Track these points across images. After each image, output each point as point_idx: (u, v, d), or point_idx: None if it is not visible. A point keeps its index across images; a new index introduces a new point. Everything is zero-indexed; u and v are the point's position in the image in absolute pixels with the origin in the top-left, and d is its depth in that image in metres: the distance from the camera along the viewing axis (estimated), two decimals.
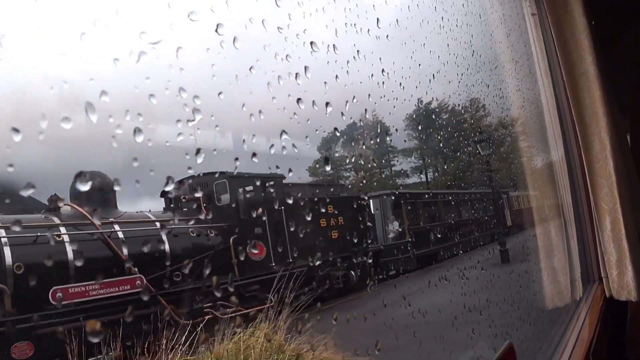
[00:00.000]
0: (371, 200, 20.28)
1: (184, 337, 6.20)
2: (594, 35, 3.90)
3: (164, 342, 6.16)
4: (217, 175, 11.70)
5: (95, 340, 2.06)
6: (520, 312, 4.33)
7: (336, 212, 14.91)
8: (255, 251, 12.11)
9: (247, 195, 12.63)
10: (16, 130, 1.31)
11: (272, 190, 12.56)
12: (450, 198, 27.54)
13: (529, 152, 5.65)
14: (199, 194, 11.87)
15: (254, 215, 12.26)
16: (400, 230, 20.70)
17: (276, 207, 11.70)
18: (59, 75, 1.51)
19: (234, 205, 12.23)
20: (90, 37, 1.50)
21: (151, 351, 6.16)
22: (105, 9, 1.60)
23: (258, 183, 12.47)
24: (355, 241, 15.64)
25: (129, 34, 1.64)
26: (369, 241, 17.89)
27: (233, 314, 8.25)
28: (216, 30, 1.84)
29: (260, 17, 1.98)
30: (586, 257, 4.28)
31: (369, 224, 18.59)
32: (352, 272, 14.51)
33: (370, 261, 15.98)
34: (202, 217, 12.00)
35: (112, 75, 1.57)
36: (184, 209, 11.49)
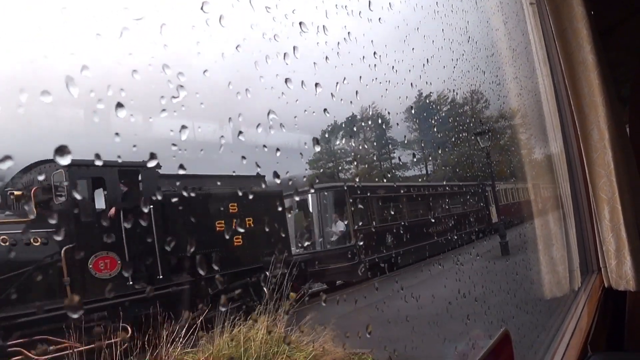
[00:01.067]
0: (310, 196, 17.40)
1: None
2: (593, 24, 3.87)
3: None
4: (55, 164, 8.42)
5: None
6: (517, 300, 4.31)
7: (243, 211, 11.80)
8: (102, 266, 9.07)
9: (95, 191, 9.86)
10: None
11: (137, 183, 10.19)
12: (420, 192, 23.57)
13: (528, 143, 5.63)
14: (22, 189, 8.73)
15: (104, 218, 9.66)
16: (345, 231, 17.17)
17: (142, 207, 8.18)
18: (39, 49, 1.50)
19: (73, 204, 9.03)
20: (71, 11, 1.49)
21: None
22: None
23: (113, 174, 9.81)
24: (273, 248, 11.80)
25: (111, 10, 1.63)
26: (306, 245, 16.70)
27: (58, 353, 6.69)
28: (202, 8, 1.82)
29: None
30: (585, 247, 4.27)
31: (304, 224, 17.45)
32: (263, 289, 9.57)
33: (294, 272, 10.47)
34: (30, 218, 8.82)
35: (94, 51, 1.56)
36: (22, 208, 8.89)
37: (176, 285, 9.37)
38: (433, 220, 21.77)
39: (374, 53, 2.92)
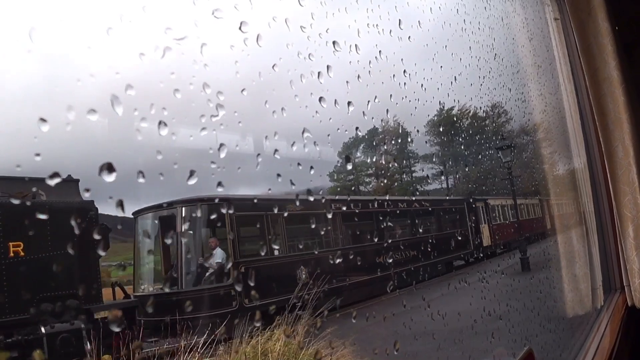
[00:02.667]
0: (174, 214, 12.35)
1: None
2: (618, 40, 3.87)
3: None
4: None
5: None
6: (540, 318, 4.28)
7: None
8: None
9: None
10: (43, 120, 1.34)
11: None
12: (366, 208, 17.40)
13: (551, 158, 5.61)
14: None
15: None
16: (222, 264, 12.29)
17: None
18: (85, 68, 1.54)
19: None
20: (116, 32, 1.53)
21: None
22: (131, 5, 1.63)
23: None
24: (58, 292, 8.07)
25: (154, 30, 1.67)
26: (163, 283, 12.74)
27: None
28: (240, 28, 1.86)
29: (283, 16, 2.00)
30: (608, 265, 4.25)
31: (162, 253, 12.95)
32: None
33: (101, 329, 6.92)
34: None
35: (138, 70, 1.59)
36: None
37: None
38: (385, 246, 16.44)
39: (404, 71, 2.95)
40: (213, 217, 11.82)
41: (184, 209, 12.13)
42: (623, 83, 3.81)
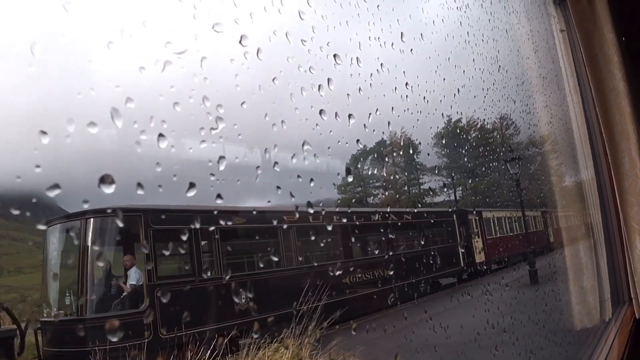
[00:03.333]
0: (87, 222, 9.93)
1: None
2: (624, 51, 3.86)
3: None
4: None
5: None
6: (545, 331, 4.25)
7: None
8: None
9: None
10: (44, 132, 1.36)
11: None
12: (328, 221, 9.16)
13: (558, 170, 5.59)
14: None
15: None
16: (137, 286, 10.20)
17: None
18: (86, 81, 1.56)
19: None
20: (117, 46, 1.55)
21: None
22: (132, 19, 1.65)
23: None
24: None
25: (154, 44, 1.69)
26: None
27: None
28: (240, 42, 1.88)
29: (284, 30, 2.03)
30: (616, 278, 4.21)
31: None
32: None
33: None
34: None
35: (138, 83, 1.62)
36: None
37: None
38: (351, 266, 14.91)
39: (406, 84, 2.97)
40: (130, 230, 10.43)
41: (92, 220, 9.80)
42: (629, 94, 3.80)
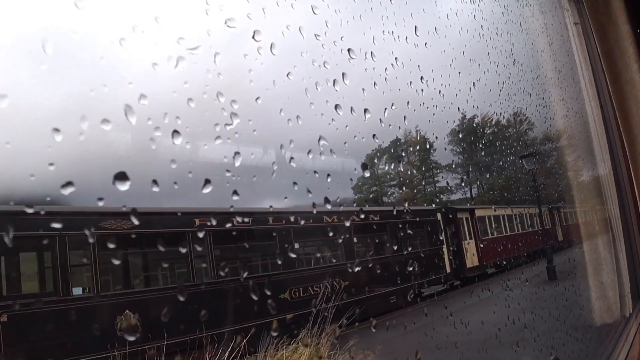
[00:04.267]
0: None
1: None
2: None
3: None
4: None
5: None
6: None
7: None
8: None
9: None
10: (57, 130, 1.34)
11: None
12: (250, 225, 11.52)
13: (575, 164, 5.52)
14: None
15: None
16: None
17: None
18: (98, 78, 1.54)
19: None
20: (129, 42, 1.53)
21: None
22: (144, 15, 1.63)
23: None
24: None
25: (167, 40, 1.67)
26: None
27: None
28: (253, 37, 1.86)
29: (297, 25, 2.00)
30: (636, 272, 4.14)
31: None
32: None
33: None
34: None
35: (151, 80, 1.60)
36: None
37: None
38: (293, 276, 12.23)
39: (421, 78, 2.93)
40: None
41: None
42: None
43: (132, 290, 9.80)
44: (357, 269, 12.54)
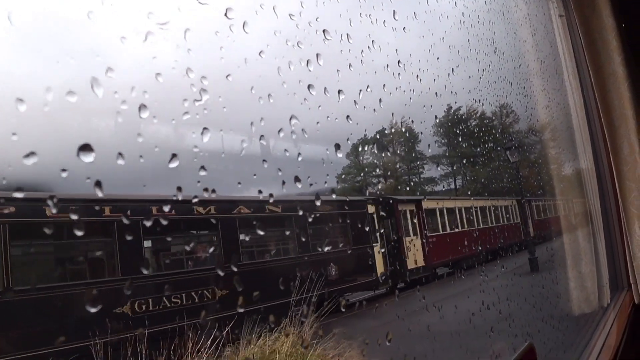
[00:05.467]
0: None
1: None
2: (624, 36, 3.83)
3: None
4: None
5: None
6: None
7: None
8: None
9: None
10: (21, 100, 1.34)
11: None
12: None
13: (557, 157, 5.55)
14: None
15: None
16: None
17: None
18: (65, 50, 1.54)
19: None
20: (97, 15, 1.53)
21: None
22: None
23: None
24: None
25: (136, 14, 1.66)
26: None
27: None
28: (225, 14, 1.86)
29: (271, 3, 2.00)
30: (615, 263, 4.19)
31: None
32: None
33: None
34: None
35: (119, 54, 1.60)
36: None
37: None
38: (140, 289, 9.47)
39: (398, 62, 2.93)
40: None
41: None
42: (628, 79, 3.77)
43: None
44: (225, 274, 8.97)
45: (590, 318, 3.95)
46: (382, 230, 16.71)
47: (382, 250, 15.95)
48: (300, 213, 12.32)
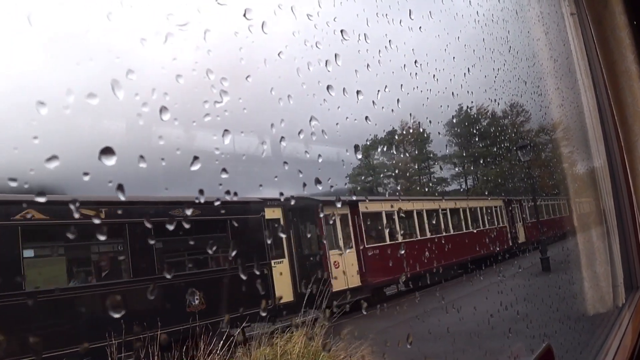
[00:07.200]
0: None
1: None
2: (636, 33, 3.80)
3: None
4: None
5: None
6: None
7: None
8: None
9: None
10: (42, 103, 1.32)
11: None
12: None
13: (570, 155, 5.52)
14: None
15: None
16: None
17: None
18: (85, 51, 1.52)
19: None
20: (116, 16, 1.51)
21: None
22: None
23: None
24: None
25: (156, 16, 1.65)
26: None
27: None
28: (244, 15, 1.84)
29: (289, 4, 1.98)
30: (629, 262, 4.15)
31: None
32: None
33: None
34: None
35: (139, 55, 1.58)
36: None
37: None
38: None
39: (415, 61, 2.91)
40: None
41: None
42: None
43: None
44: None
45: (606, 318, 3.92)
46: (292, 243, 12.81)
47: (289, 268, 12.47)
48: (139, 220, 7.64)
